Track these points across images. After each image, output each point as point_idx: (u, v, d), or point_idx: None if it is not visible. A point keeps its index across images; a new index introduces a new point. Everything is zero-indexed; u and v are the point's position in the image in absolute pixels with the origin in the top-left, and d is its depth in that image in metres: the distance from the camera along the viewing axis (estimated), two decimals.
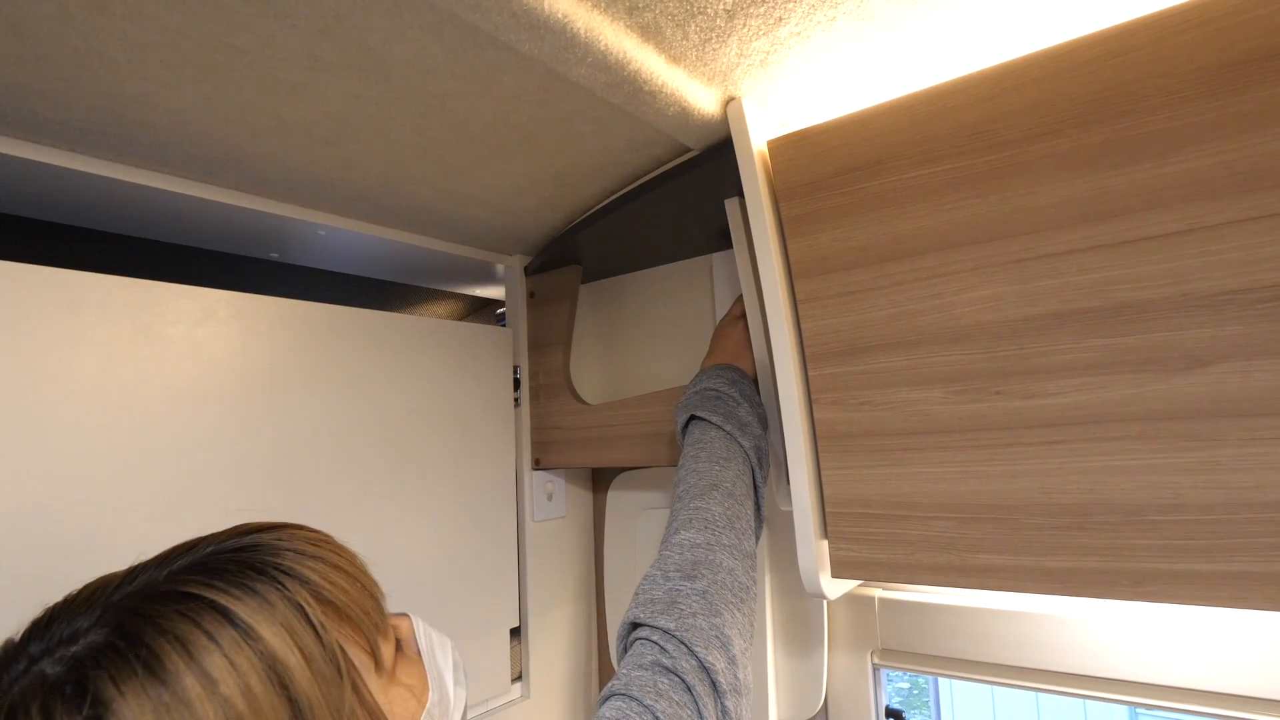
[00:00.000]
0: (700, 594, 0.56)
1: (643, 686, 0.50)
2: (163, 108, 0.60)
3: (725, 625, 0.55)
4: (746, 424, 0.73)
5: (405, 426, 0.89)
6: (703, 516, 0.63)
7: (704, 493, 0.65)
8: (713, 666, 0.51)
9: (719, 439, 0.71)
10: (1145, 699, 0.69)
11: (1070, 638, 0.73)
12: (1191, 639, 0.67)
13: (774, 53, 0.59)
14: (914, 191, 0.61)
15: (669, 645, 0.53)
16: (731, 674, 0.53)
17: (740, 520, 0.64)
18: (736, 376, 0.77)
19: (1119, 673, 0.70)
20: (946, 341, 0.60)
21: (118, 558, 0.65)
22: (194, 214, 0.79)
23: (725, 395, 0.75)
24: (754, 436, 0.72)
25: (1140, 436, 0.53)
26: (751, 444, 0.71)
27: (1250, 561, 0.49)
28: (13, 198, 0.71)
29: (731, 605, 0.57)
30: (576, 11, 0.50)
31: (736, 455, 0.70)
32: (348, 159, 0.72)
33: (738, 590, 0.59)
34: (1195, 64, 0.49)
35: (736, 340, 0.83)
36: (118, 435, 0.64)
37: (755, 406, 0.76)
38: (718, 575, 0.58)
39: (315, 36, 0.52)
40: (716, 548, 0.60)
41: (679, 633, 0.53)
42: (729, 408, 0.74)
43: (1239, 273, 0.49)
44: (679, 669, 0.51)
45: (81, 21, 0.48)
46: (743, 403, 0.74)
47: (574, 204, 0.90)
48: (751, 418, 0.74)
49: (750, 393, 0.77)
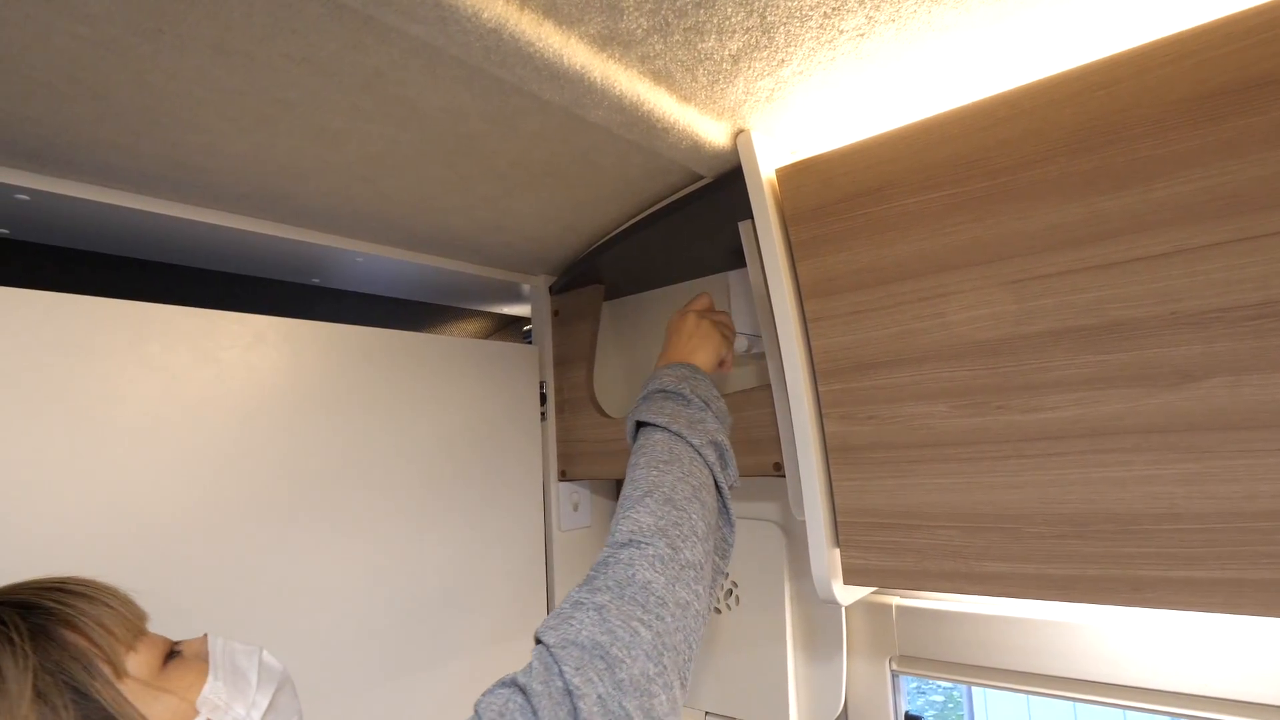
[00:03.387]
0: (598, 609, 0.51)
1: (489, 706, 0.46)
2: (220, 155, 0.66)
3: (619, 645, 0.49)
4: (697, 421, 0.69)
5: (438, 440, 0.94)
6: (629, 528, 0.58)
7: (637, 503, 0.60)
8: (578, 691, 0.45)
9: (662, 441, 0.67)
10: (1175, 708, 0.70)
11: (1092, 645, 0.74)
12: (1212, 648, 0.68)
13: (779, 90, 0.63)
14: (914, 216, 0.64)
15: (537, 663, 0.49)
16: (614, 701, 0.46)
17: (682, 526, 0.59)
18: (687, 372, 0.73)
19: (1151, 682, 0.71)
20: (949, 358, 0.63)
21: (181, 562, 0.72)
22: (245, 245, 0.86)
23: (673, 393, 0.71)
24: (707, 433, 0.68)
25: (1135, 449, 0.55)
26: (705, 440, 0.67)
27: (1243, 569, 0.51)
28: (87, 236, 0.78)
29: (641, 621, 0.51)
30: (593, 62, 0.55)
31: (682, 456, 0.65)
32: (384, 193, 0.78)
33: (655, 605, 0.52)
34: (1177, 95, 0.52)
35: (688, 334, 0.79)
36: (180, 452, 0.70)
37: (710, 401, 0.72)
38: (626, 590, 0.53)
39: (357, 90, 0.57)
40: (639, 562, 0.55)
41: (556, 649, 0.49)
42: (676, 406, 0.70)
43: (1224, 292, 0.51)
44: (532, 690, 0.46)
45: (154, 86, 0.55)
46: (693, 399, 0.71)
47: (595, 228, 0.94)
48: (704, 413, 0.70)
49: (704, 388, 0.73)
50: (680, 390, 0.71)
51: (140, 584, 0.66)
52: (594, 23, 0.52)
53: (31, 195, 0.67)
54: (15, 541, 0.60)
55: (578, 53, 0.54)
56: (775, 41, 0.56)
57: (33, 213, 0.71)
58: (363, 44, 0.51)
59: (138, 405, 0.68)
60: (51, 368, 0.63)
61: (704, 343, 0.79)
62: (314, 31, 0.50)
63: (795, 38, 0.56)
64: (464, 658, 0.94)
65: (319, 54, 0.52)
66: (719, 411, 0.72)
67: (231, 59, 0.52)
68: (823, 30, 0.55)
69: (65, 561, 0.62)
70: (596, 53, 0.55)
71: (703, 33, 0.54)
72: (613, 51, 0.55)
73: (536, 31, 0.50)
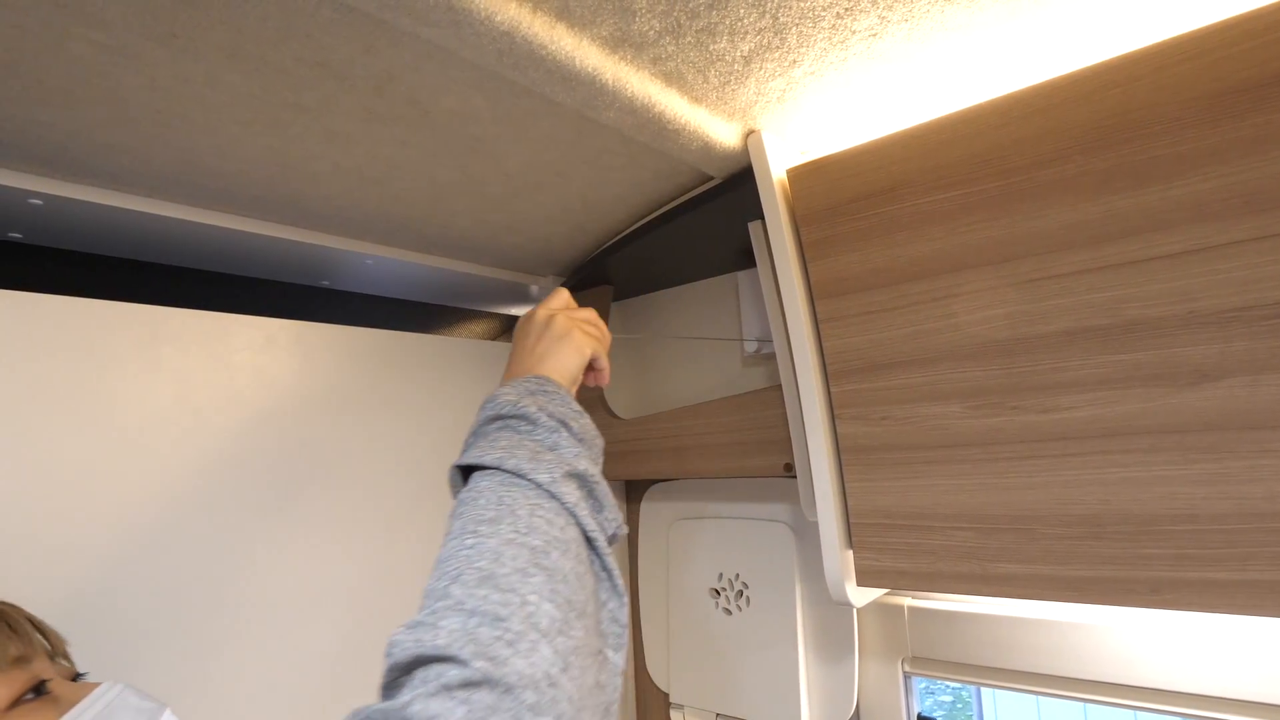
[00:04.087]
0: None
1: None
2: (233, 158, 0.66)
3: None
4: (547, 449, 0.51)
5: (449, 442, 0.94)
6: (416, 643, 0.37)
7: (440, 597, 0.40)
8: None
9: (489, 490, 0.46)
10: (1187, 709, 0.70)
11: (1104, 646, 0.74)
12: (1226, 649, 0.68)
13: (790, 90, 0.63)
14: (928, 216, 0.64)
15: None
16: None
17: (508, 622, 0.38)
18: (533, 385, 0.56)
19: (1163, 682, 0.70)
20: (962, 358, 0.63)
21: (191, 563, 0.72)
22: (256, 248, 0.86)
23: (511, 416, 0.52)
24: (562, 464, 0.49)
25: (1152, 449, 0.55)
26: (559, 474, 0.48)
27: (1264, 570, 0.51)
28: (100, 240, 0.79)
29: None
30: (605, 64, 0.55)
31: (518, 505, 0.45)
32: (395, 195, 0.78)
33: None
34: (1195, 92, 0.52)
35: (536, 336, 0.62)
36: (191, 454, 0.70)
37: (569, 420, 0.53)
38: None
39: (369, 94, 0.57)
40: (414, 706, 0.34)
41: None
42: (514, 436, 0.51)
43: (1243, 290, 0.51)
44: None
45: (167, 90, 0.55)
46: (541, 418, 0.52)
47: (604, 229, 0.94)
48: (557, 436, 0.52)
49: (557, 403, 0.54)
50: (522, 410, 0.52)
51: (151, 585, 0.66)
52: (606, 25, 0.52)
53: (45, 200, 0.67)
54: (26, 543, 0.60)
55: (590, 55, 0.54)
56: (787, 42, 0.56)
57: (46, 217, 0.71)
58: (375, 47, 0.51)
59: (150, 408, 0.68)
60: (65, 371, 0.64)
61: (558, 345, 0.61)
62: (326, 35, 0.50)
63: (807, 38, 0.55)
64: None
65: (331, 58, 0.52)
66: (583, 432, 0.54)
67: (244, 63, 0.52)
68: (835, 31, 0.55)
69: (75, 563, 0.62)
70: (608, 55, 0.55)
71: (715, 34, 0.54)
72: (625, 53, 0.55)
73: (549, 34, 0.50)
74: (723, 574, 1.01)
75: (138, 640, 0.65)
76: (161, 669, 0.66)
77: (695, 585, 1.04)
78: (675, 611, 1.06)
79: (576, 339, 0.62)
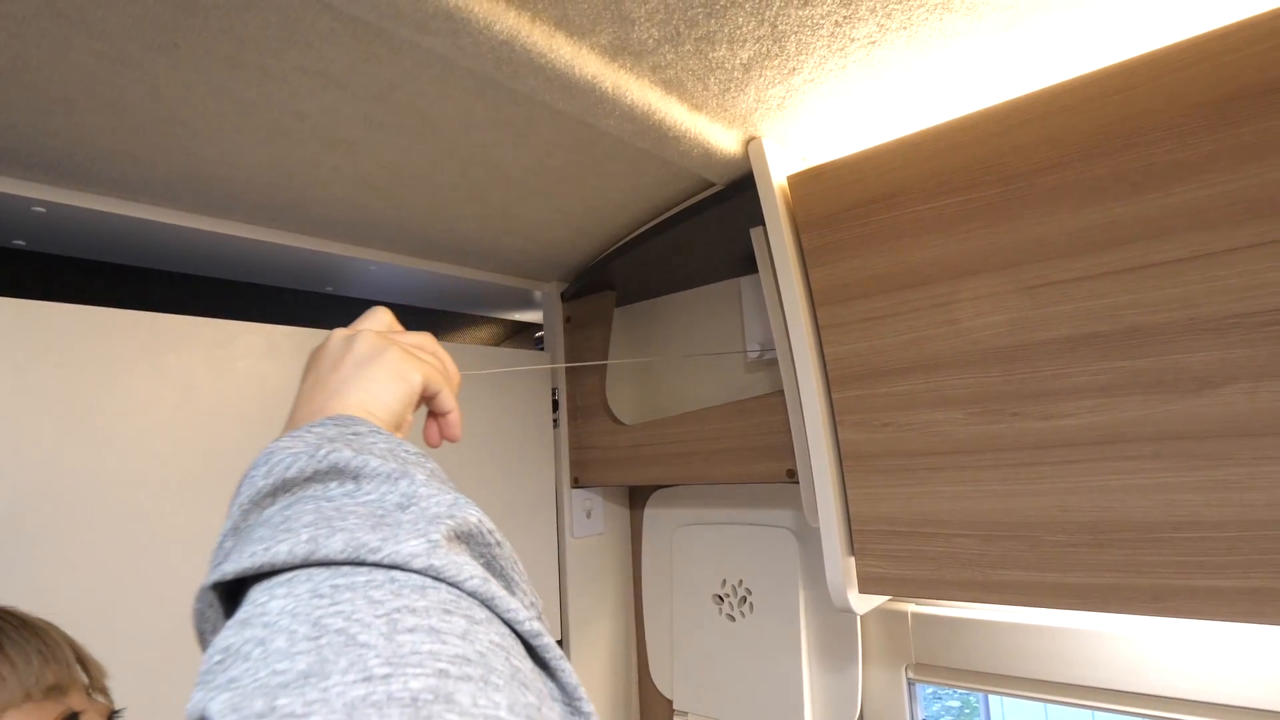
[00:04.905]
0: None
1: None
2: (235, 166, 0.66)
3: None
4: (394, 511, 0.31)
5: (451, 448, 0.94)
6: None
7: None
8: None
9: (289, 612, 0.25)
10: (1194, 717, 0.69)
11: (1110, 653, 0.73)
12: (1233, 656, 0.67)
13: (790, 98, 0.63)
14: (928, 222, 0.64)
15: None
16: None
17: None
18: (332, 431, 0.36)
19: (1171, 690, 0.69)
20: (964, 365, 0.63)
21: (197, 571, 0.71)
22: (259, 255, 0.86)
23: (307, 485, 0.33)
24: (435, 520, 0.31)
25: (1154, 456, 0.54)
26: (442, 533, 0.30)
27: (1266, 577, 0.50)
28: (103, 247, 0.79)
29: None
30: (605, 72, 0.55)
31: (364, 620, 0.25)
32: (398, 202, 0.78)
33: None
34: (1194, 99, 0.51)
35: (330, 366, 0.41)
36: (195, 461, 0.71)
37: (413, 464, 0.36)
38: None
39: (371, 102, 0.58)
40: None
41: None
42: (326, 506, 0.31)
43: (1244, 297, 0.51)
44: None
45: (170, 98, 0.55)
46: (369, 466, 0.33)
47: (606, 235, 0.94)
48: (406, 483, 0.33)
49: (383, 443, 0.36)
50: (330, 461, 0.33)
51: (155, 593, 0.66)
52: (605, 34, 0.52)
53: (48, 208, 0.68)
54: (29, 549, 0.60)
55: (589, 63, 0.54)
56: (786, 50, 0.56)
57: (49, 225, 0.72)
58: (376, 56, 0.52)
59: (153, 415, 0.68)
60: (68, 378, 0.64)
61: (364, 371, 0.41)
62: (327, 44, 0.50)
63: (806, 46, 0.55)
64: None
65: (332, 66, 0.53)
66: (437, 479, 0.36)
67: (245, 72, 0.53)
68: (834, 38, 0.55)
69: (79, 570, 0.63)
70: (608, 63, 0.55)
71: (714, 42, 0.54)
72: (624, 61, 0.55)
73: (548, 43, 0.50)
74: (726, 580, 1.01)
75: (141, 645, 0.65)
76: (164, 673, 0.66)
77: (699, 591, 1.04)
78: (679, 617, 1.06)
79: (394, 362, 0.41)
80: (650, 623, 1.13)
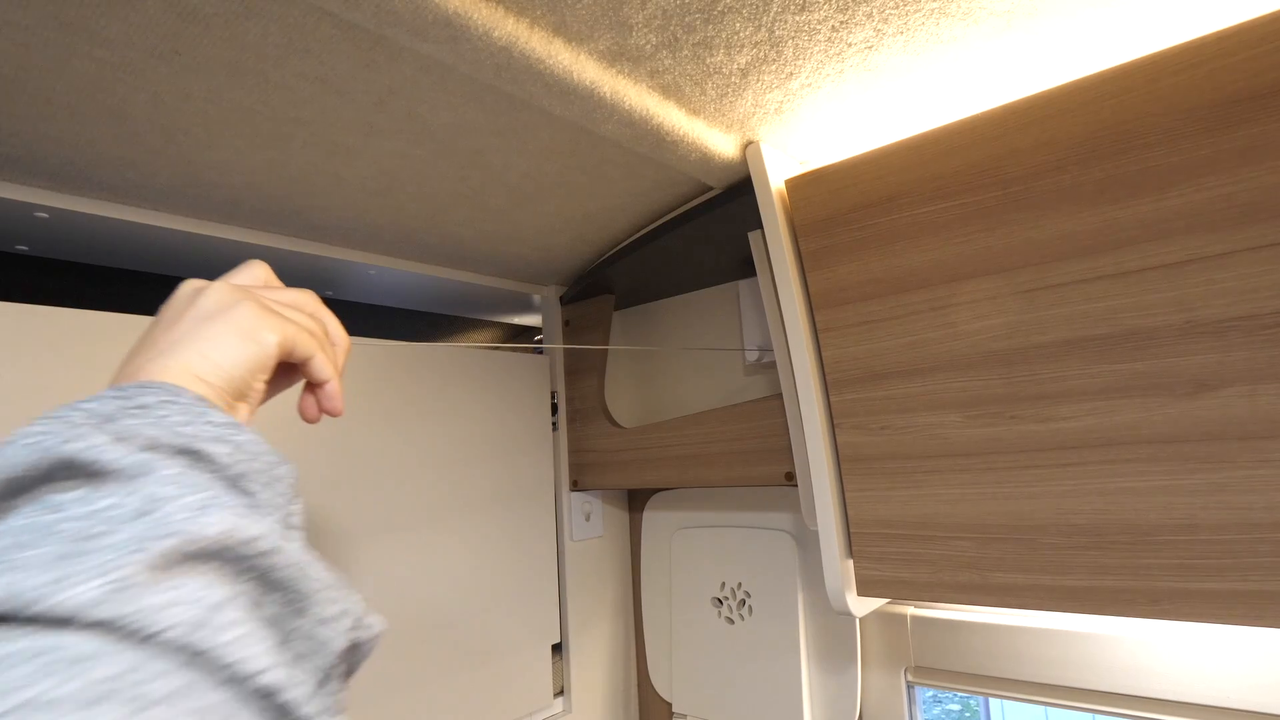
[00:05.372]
0: None
1: None
2: (234, 171, 0.67)
3: None
4: (120, 526, 0.24)
5: (450, 451, 0.95)
6: None
7: None
8: None
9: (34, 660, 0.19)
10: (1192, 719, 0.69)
11: (1110, 656, 0.73)
12: (1233, 659, 0.67)
13: (787, 102, 0.64)
14: (925, 226, 0.64)
15: None
16: None
17: None
18: (112, 404, 0.30)
19: (1172, 693, 0.69)
20: (961, 368, 0.63)
21: None
22: (261, 259, 0.87)
23: (55, 475, 0.26)
24: (167, 531, 0.24)
25: (1152, 459, 0.55)
26: (158, 552, 0.23)
27: (1265, 580, 0.50)
28: (106, 252, 0.80)
29: None
30: (603, 78, 0.55)
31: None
32: (397, 207, 0.78)
33: None
34: (1189, 103, 0.52)
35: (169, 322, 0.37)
36: None
37: (200, 445, 0.29)
38: None
39: (370, 108, 0.58)
40: None
41: None
42: (24, 527, 0.23)
43: (1241, 300, 0.51)
44: None
45: (170, 105, 0.55)
46: (117, 461, 0.26)
47: (605, 239, 0.95)
48: (173, 479, 0.26)
49: (170, 421, 0.29)
50: (66, 454, 0.26)
51: None
52: (603, 39, 0.52)
53: (51, 213, 0.68)
54: None
55: (587, 69, 0.54)
56: (784, 55, 0.56)
57: (52, 230, 0.72)
58: (375, 63, 0.52)
59: None
60: (71, 384, 0.64)
61: (204, 328, 0.35)
62: (326, 51, 0.50)
63: (804, 51, 0.56)
64: (475, 669, 0.94)
65: (332, 73, 0.53)
66: (238, 461, 0.30)
67: (245, 79, 0.53)
68: (831, 43, 0.55)
69: None
70: (606, 68, 0.55)
71: (711, 47, 0.54)
72: (622, 67, 0.56)
73: (546, 49, 0.51)
74: (725, 583, 1.01)
75: None
76: None
77: (697, 594, 1.04)
78: (677, 620, 1.06)
79: (244, 319, 0.35)
80: (649, 625, 1.13)
